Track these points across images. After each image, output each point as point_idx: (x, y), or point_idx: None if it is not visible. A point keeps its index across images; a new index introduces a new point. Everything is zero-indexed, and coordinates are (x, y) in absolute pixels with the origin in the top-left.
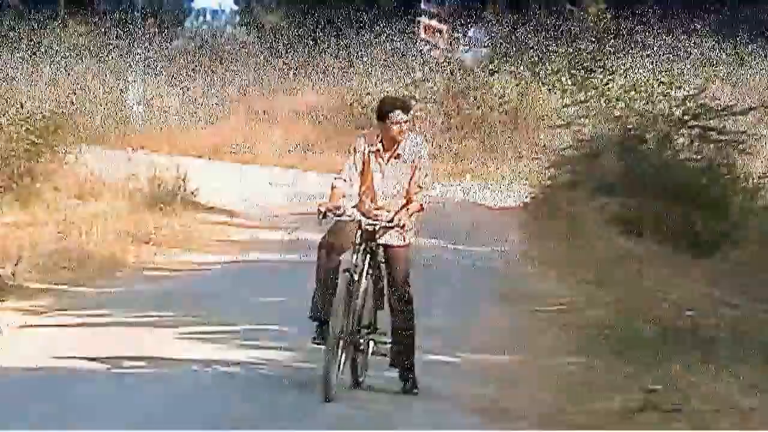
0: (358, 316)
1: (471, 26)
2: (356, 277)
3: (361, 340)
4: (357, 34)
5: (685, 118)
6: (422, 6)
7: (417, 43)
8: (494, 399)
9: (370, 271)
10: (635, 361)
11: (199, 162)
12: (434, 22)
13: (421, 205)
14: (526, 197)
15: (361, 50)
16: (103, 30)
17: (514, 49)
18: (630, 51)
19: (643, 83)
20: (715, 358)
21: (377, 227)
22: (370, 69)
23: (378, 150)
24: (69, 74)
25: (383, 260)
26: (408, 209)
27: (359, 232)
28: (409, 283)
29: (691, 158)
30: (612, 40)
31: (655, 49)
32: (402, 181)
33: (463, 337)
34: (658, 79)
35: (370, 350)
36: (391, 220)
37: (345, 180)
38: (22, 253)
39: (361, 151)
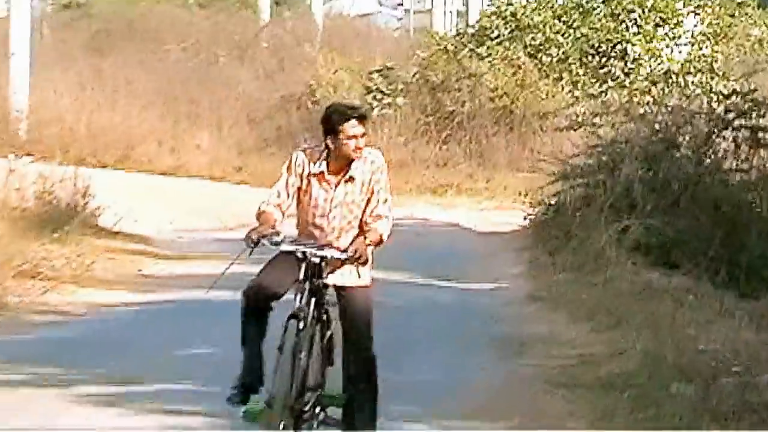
0: (302, 374)
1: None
2: (301, 325)
3: (307, 407)
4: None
5: (730, 116)
6: None
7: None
8: None
9: (317, 316)
10: (668, 428)
11: (104, 173)
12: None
13: (381, 235)
14: (525, 218)
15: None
16: None
17: (509, 28)
18: (657, 31)
19: (674, 72)
20: None
21: (325, 260)
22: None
23: (322, 172)
24: None
25: (334, 304)
26: (366, 238)
27: (303, 266)
28: (371, 337)
29: (737, 168)
30: (634, 18)
31: (689, 28)
32: (355, 211)
33: (447, 400)
34: (694, 67)
35: (318, 419)
36: (345, 251)
37: (275, 206)
38: None
39: (298, 173)
